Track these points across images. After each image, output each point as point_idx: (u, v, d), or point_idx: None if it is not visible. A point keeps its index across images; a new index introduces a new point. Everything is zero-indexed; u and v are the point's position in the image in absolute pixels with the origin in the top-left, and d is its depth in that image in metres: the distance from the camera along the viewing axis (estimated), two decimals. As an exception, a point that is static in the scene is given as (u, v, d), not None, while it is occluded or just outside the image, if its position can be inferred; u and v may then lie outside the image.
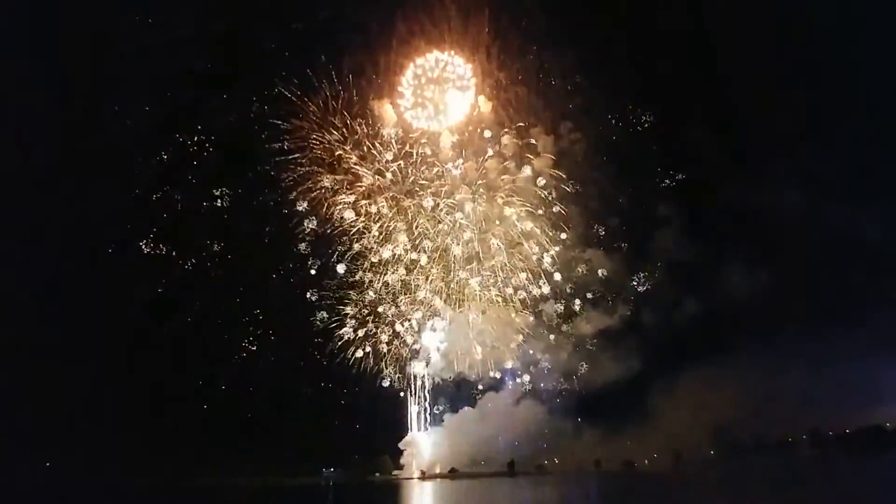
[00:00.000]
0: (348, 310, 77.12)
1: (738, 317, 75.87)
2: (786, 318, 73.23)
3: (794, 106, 76.20)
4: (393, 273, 77.54)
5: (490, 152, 77.63)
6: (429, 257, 77.88)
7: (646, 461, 78.65)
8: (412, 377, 79.05)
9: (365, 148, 76.72)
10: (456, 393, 79.88)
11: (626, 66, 77.15)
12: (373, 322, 77.59)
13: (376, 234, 77.24)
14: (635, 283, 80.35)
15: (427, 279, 78.07)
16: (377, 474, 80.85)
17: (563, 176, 77.39)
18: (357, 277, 77.24)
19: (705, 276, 76.63)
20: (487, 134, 77.43)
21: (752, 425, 73.75)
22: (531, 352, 79.38)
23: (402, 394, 79.15)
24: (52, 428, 68.98)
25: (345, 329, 76.84)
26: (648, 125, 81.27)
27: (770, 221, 76.19)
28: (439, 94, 76.64)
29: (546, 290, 78.41)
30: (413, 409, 79.70)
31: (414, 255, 77.61)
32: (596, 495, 59.66)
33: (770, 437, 75.40)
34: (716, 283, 76.22)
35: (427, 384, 79.52)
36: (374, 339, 77.33)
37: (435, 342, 78.60)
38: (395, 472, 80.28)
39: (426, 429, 79.80)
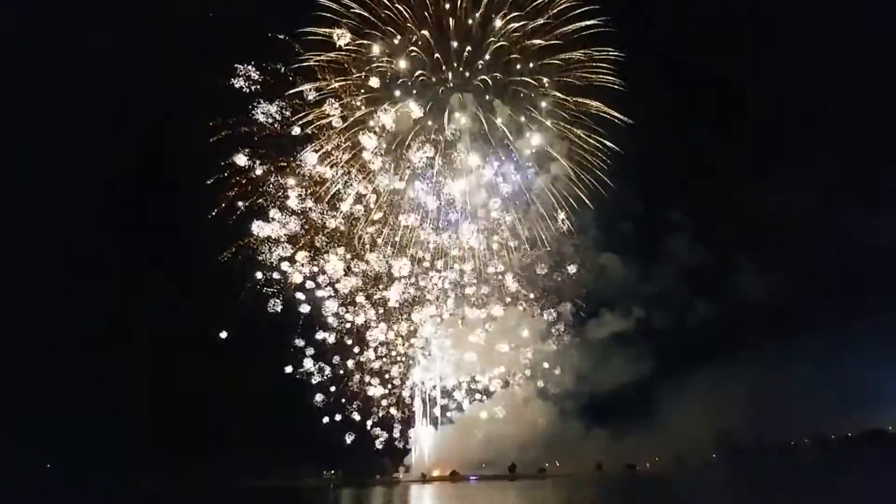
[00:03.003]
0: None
1: (742, 321, 76.03)
2: (789, 322, 73.29)
3: (804, 110, 76.14)
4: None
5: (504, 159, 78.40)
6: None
7: (647, 464, 78.37)
8: (420, 381, 79.35)
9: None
10: (465, 392, 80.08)
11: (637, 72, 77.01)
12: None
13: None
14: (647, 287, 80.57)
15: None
16: (378, 476, 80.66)
17: (580, 184, 78.19)
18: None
19: (713, 280, 77.07)
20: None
21: (754, 429, 73.77)
22: (543, 353, 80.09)
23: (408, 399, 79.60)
24: (53, 428, 68.91)
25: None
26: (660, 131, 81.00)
27: (777, 227, 76.28)
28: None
29: (560, 292, 79.64)
30: (420, 409, 79.96)
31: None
32: (596, 499, 59.29)
33: (772, 440, 75.27)
34: (722, 288, 76.58)
35: (436, 385, 79.77)
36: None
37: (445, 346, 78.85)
38: (396, 475, 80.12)
39: (433, 428, 79.87)
